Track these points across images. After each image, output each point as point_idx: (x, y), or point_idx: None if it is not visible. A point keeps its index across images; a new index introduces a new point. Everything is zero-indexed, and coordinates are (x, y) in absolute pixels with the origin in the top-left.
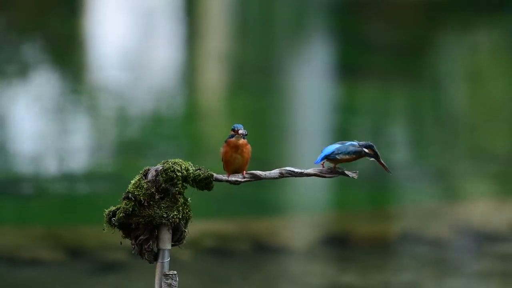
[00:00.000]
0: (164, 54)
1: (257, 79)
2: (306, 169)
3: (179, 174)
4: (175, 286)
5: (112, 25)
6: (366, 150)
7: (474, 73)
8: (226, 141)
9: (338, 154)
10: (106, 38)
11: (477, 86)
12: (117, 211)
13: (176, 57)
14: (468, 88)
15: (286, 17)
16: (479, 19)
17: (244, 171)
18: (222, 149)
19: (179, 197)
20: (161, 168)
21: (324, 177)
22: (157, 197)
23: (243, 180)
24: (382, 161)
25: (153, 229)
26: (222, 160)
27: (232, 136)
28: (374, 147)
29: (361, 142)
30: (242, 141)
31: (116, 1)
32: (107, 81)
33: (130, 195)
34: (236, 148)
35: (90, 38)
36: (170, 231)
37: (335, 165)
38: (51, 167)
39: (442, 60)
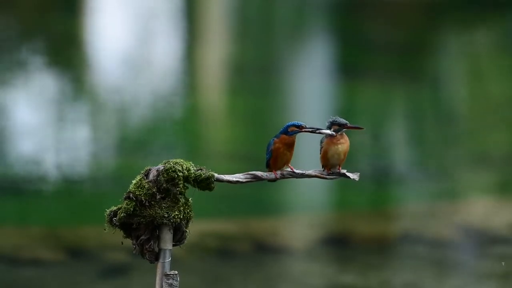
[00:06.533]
0: (164, 54)
1: (257, 79)
2: (307, 169)
3: (180, 174)
4: (176, 286)
5: (113, 25)
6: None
7: (474, 73)
8: (277, 137)
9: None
10: (107, 38)
11: (477, 86)
12: (118, 211)
13: (176, 57)
14: (468, 88)
15: (286, 17)
16: (479, 19)
17: (291, 166)
18: (273, 145)
19: (180, 197)
20: (162, 168)
21: (325, 178)
22: (158, 197)
23: (244, 180)
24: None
25: (154, 229)
26: (271, 156)
27: (292, 133)
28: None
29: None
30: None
31: (117, 1)
32: (107, 80)
33: (131, 195)
34: (289, 145)
35: (90, 37)
36: (171, 231)
37: (328, 168)
38: (51, 167)
39: (442, 60)
